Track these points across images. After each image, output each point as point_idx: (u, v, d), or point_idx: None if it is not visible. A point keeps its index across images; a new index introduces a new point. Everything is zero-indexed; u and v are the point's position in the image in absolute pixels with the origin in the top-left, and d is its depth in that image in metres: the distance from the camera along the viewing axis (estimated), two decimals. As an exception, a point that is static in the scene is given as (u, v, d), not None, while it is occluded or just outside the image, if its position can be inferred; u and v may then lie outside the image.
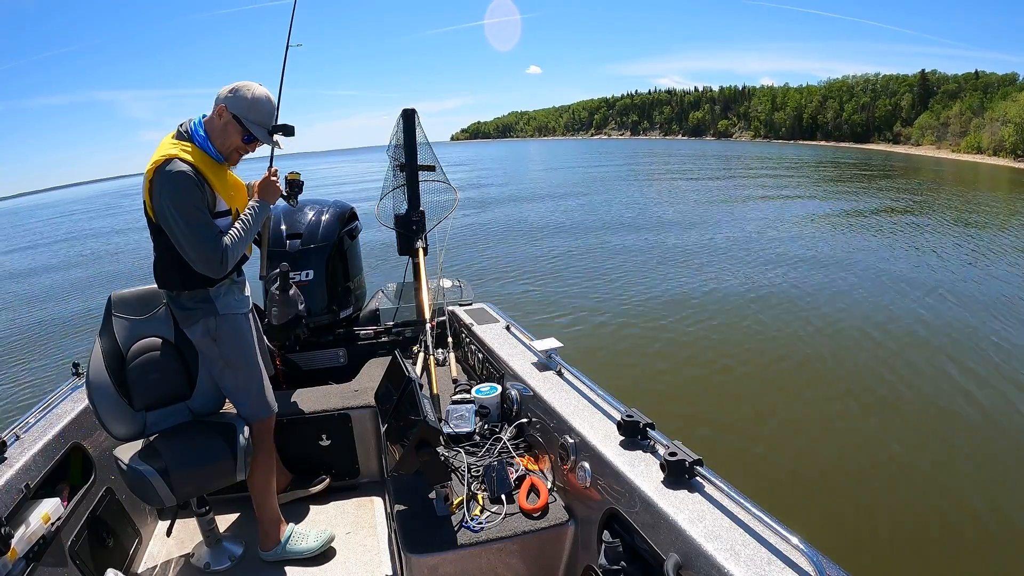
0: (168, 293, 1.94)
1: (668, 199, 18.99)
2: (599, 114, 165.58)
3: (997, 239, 11.62)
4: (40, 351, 7.13)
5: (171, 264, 1.84)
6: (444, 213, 3.08)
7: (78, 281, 11.49)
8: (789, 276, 8.51)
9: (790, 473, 3.87)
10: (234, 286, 1.98)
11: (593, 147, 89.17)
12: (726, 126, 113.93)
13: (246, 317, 2.01)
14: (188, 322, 1.93)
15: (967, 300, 7.35)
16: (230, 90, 1.84)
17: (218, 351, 1.94)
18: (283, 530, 2.11)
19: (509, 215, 15.67)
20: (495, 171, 38.80)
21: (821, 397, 4.85)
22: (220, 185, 1.85)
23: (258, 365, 2.03)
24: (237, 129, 1.85)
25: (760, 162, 40.79)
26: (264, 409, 2.04)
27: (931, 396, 4.84)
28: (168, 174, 1.72)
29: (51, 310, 9.22)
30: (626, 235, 12.15)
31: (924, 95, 70.17)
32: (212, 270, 1.80)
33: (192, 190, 1.74)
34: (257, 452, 2.00)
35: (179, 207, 1.73)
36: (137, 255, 13.68)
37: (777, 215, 14.75)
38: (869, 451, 4.10)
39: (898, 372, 5.24)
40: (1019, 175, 32.97)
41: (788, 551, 1.09)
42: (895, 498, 3.61)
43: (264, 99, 1.86)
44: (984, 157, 46.89)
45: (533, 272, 9.15)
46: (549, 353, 2.09)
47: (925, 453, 4.08)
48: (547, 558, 1.66)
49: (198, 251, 1.76)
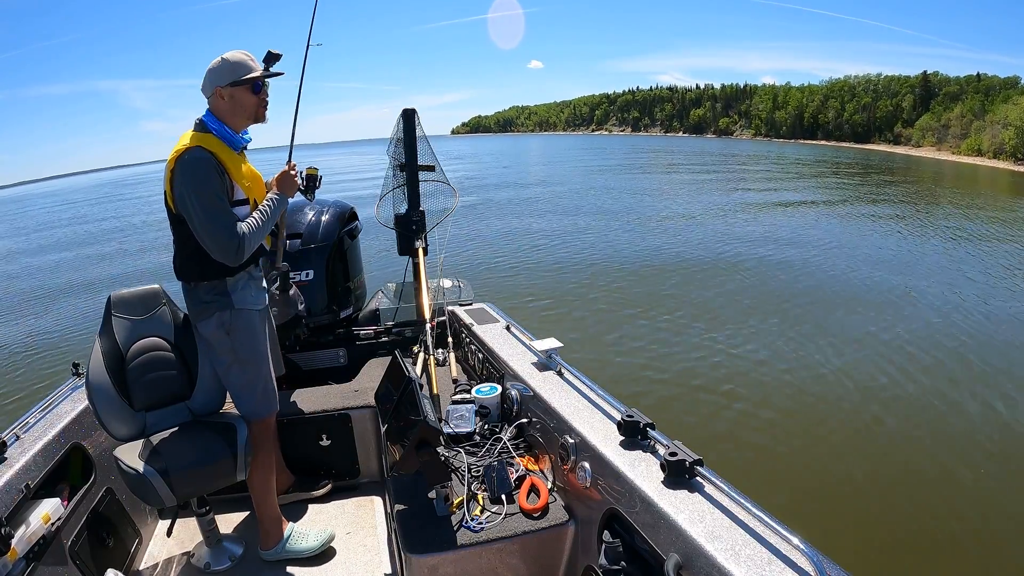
0: (185, 287, 1.95)
1: (670, 198, 18.98)
2: (600, 110, 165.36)
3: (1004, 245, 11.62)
4: (40, 351, 7.13)
5: (190, 255, 1.85)
6: (444, 213, 3.08)
7: (78, 281, 11.49)
8: (790, 276, 8.52)
9: (790, 473, 3.87)
10: (252, 281, 1.99)
11: (594, 143, 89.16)
12: (727, 124, 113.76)
13: (260, 314, 2.02)
14: (202, 315, 1.93)
15: (974, 301, 7.36)
16: (209, 74, 1.85)
17: (230, 345, 1.94)
18: (283, 529, 2.11)
19: (508, 215, 15.66)
20: (494, 166, 38.80)
21: (821, 397, 4.85)
22: (238, 174, 1.88)
23: (267, 363, 2.03)
24: (244, 91, 1.86)
25: (760, 161, 40.90)
26: (266, 407, 2.04)
27: (933, 396, 4.84)
28: (188, 162, 1.76)
29: (51, 310, 9.22)
30: (626, 235, 12.15)
31: (925, 96, 70.24)
32: (229, 257, 1.80)
33: (212, 177, 1.76)
34: (257, 451, 2.00)
35: (198, 193, 1.75)
36: (135, 255, 13.68)
37: (778, 214, 14.75)
38: (870, 451, 4.10)
39: (899, 372, 5.24)
40: (1019, 178, 33.09)
41: (788, 551, 1.09)
42: (896, 498, 3.61)
43: (238, 55, 1.87)
44: (984, 160, 46.93)
45: (533, 272, 9.15)
46: (549, 353, 2.09)
47: (926, 453, 4.08)
48: (547, 558, 1.66)
49: (215, 237, 1.77)
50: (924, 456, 4.05)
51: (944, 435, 4.28)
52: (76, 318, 8.38)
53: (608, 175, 28.81)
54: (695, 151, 55.24)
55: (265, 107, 1.93)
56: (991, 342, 5.95)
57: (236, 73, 1.84)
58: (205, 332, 1.94)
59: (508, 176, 30.46)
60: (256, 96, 1.89)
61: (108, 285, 9.37)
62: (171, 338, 2.06)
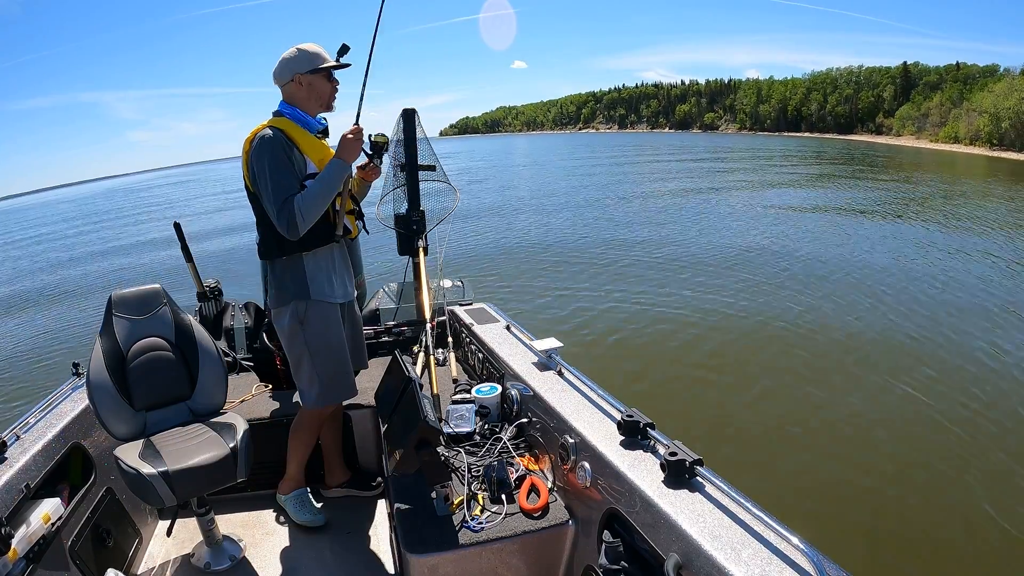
0: (265, 267, 2.02)
1: (664, 196, 18.94)
2: (586, 108, 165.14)
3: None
4: (40, 351, 7.13)
5: (267, 231, 1.92)
6: (444, 213, 3.08)
7: (78, 281, 11.50)
8: (789, 275, 8.51)
9: (790, 473, 3.87)
10: (333, 274, 2.04)
11: (581, 141, 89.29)
12: (712, 119, 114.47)
13: (338, 307, 2.07)
14: (280, 301, 1.98)
15: (976, 296, 7.36)
16: (288, 62, 1.92)
17: (303, 335, 1.99)
18: (294, 489, 2.25)
19: (508, 215, 15.66)
20: (488, 166, 38.90)
21: (822, 397, 4.85)
22: (310, 149, 1.93)
23: (341, 355, 2.07)
24: (321, 79, 1.95)
25: (747, 154, 41.25)
26: (326, 399, 2.09)
27: (934, 396, 4.84)
28: (259, 139, 1.86)
29: (51, 310, 9.23)
30: (626, 234, 12.14)
31: (906, 87, 71.38)
32: (284, 225, 1.84)
33: (278, 150, 1.84)
34: (302, 430, 2.14)
35: (265, 165, 1.83)
36: (133, 254, 13.69)
37: (778, 211, 14.74)
38: (870, 451, 4.09)
39: (900, 372, 5.24)
40: (994, 163, 34.53)
41: (788, 551, 1.09)
42: (896, 498, 3.61)
43: (315, 46, 1.96)
44: (961, 146, 48.15)
45: (533, 272, 9.15)
46: (549, 353, 2.09)
47: (927, 453, 4.08)
48: (547, 558, 1.66)
49: (274, 205, 1.83)
50: (925, 456, 4.04)
51: (945, 435, 4.27)
52: (76, 318, 8.39)
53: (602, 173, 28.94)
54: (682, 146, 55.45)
55: (335, 96, 2.02)
56: (998, 342, 5.94)
57: (314, 62, 1.92)
58: (282, 319, 2.00)
59: (505, 176, 30.55)
60: (330, 84, 1.98)
61: (108, 286, 9.37)
62: (172, 338, 2.06)
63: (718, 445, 4.10)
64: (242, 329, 3.01)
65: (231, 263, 10.53)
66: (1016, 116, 42.38)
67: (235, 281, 7.63)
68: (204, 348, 2.12)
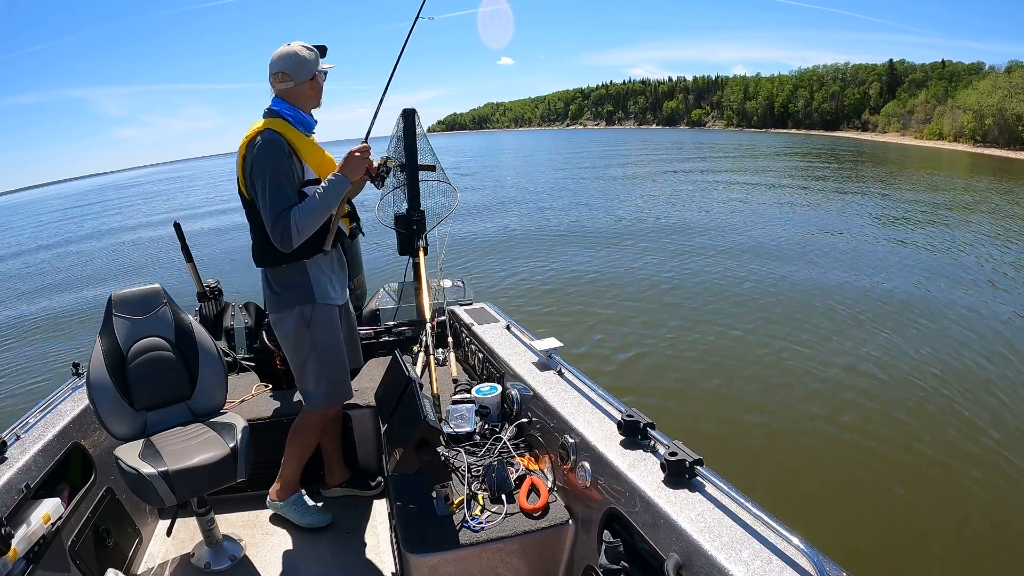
0: (264, 274, 1.99)
1: (660, 194, 18.92)
2: (574, 105, 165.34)
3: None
4: (40, 351, 7.13)
5: (265, 239, 1.89)
6: (444, 213, 3.08)
7: (78, 280, 11.49)
8: (789, 274, 8.51)
9: (790, 473, 3.87)
10: (334, 276, 2.06)
11: (570, 137, 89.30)
12: (699, 115, 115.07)
13: (339, 309, 2.10)
14: (283, 306, 1.97)
15: (978, 293, 7.35)
16: (305, 60, 1.91)
17: (309, 338, 2.00)
18: (291, 494, 2.25)
19: (508, 215, 15.65)
20: (481, 164, 38.93)
21: (822, 397, 4.85)
22: (308, 154, 1.92)
23: (343, 356, 2.11)
24: (320, 78, 1.98)
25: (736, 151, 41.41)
26: (332, 399, 2.11)
27: (934, 396, 4.83)
28: (259, 143, 1.82)
29: (51, 310, 9.22)
30: (626, 233, 12.14)
31: (892, 84, 72.08)
32: (278, 237, 1.82)
33: (281, 157, 1.82)
34: (304, 431, 2.13)
35: (266, 173, 1.80)
36: (129, 253, 13.69)
37: (777, 211, 14.74)
38: (870, 451, 4.09)
39: (901, 372, 5.24)
40: (977, 159, 35.27)
41: (788, 551, 1.09)
42: (896, 498, 3.60)
43: (300, 47, 1.95)
44: (945, 143, 48.81)
45: (533, 271, 9.14)
46: (549, 353, 2.09)
47: (927, 453, 4.07)
48: (547, 558, 1.66)
49: (271, 216, 1.81)
50: (925, 456, 4.04)
51: (951, 438, 4.27)
52: (76, 318, 8.38)
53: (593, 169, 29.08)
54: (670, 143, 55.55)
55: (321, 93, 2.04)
56: (997, 342, 5.94)
57: (317, 63, 1.95)
58: (285, 323, 1.99)
59: (499, 175, 30.52)
60: (320, 83, 2.00)
61: (107, 286, 9.37)
62: (172, 338, 2.06)
63: (718, 445, 4.09)
64: (242, 329, 3.01)
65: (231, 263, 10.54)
66: (999, 113, 43.02)
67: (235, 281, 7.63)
68: (204, 348, 2.12)
